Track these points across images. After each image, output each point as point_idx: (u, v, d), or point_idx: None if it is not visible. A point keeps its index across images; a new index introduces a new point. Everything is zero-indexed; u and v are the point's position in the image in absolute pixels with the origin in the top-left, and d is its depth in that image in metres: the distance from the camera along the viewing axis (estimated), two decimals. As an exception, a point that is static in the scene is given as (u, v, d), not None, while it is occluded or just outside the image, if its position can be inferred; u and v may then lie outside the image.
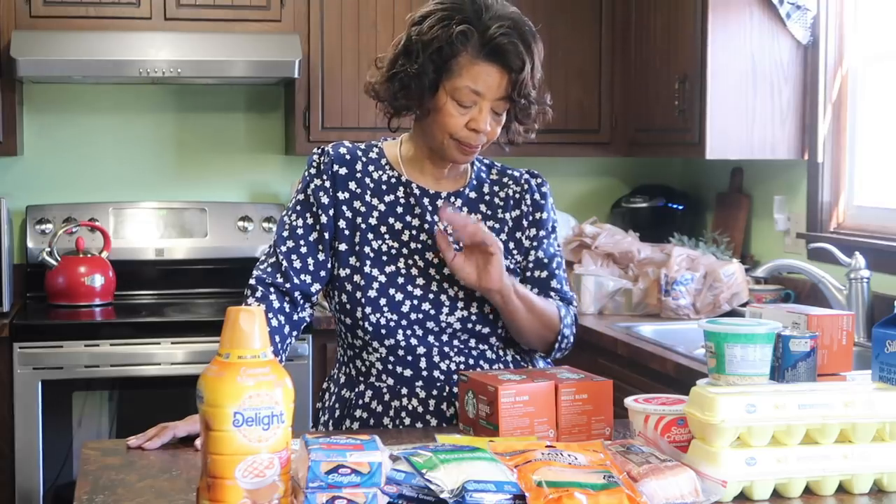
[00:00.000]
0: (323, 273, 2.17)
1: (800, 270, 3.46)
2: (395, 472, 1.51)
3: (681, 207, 4.44)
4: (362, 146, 2.24)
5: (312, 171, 2.20)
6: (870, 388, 1.76)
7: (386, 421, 2.16)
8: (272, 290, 2.13)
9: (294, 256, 2.15)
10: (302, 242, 2.16)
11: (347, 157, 2.20)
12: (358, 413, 2.18)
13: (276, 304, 2.12)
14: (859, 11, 3.64)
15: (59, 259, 4.00)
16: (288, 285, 2.14)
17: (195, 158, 4.38)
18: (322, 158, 2.20)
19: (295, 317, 2.15)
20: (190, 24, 3.97)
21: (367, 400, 2.18)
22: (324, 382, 2.33)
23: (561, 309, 2.20)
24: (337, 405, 2.22)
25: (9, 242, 3.86)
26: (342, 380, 2.24)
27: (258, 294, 2.13)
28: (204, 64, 3.90)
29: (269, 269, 2.16)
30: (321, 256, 2.16)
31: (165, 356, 3.69)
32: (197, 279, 4.27)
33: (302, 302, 2.16)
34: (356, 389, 2.19)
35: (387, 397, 2.16)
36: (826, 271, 3.39)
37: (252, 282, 2.16)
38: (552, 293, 2.23)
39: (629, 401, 1.82)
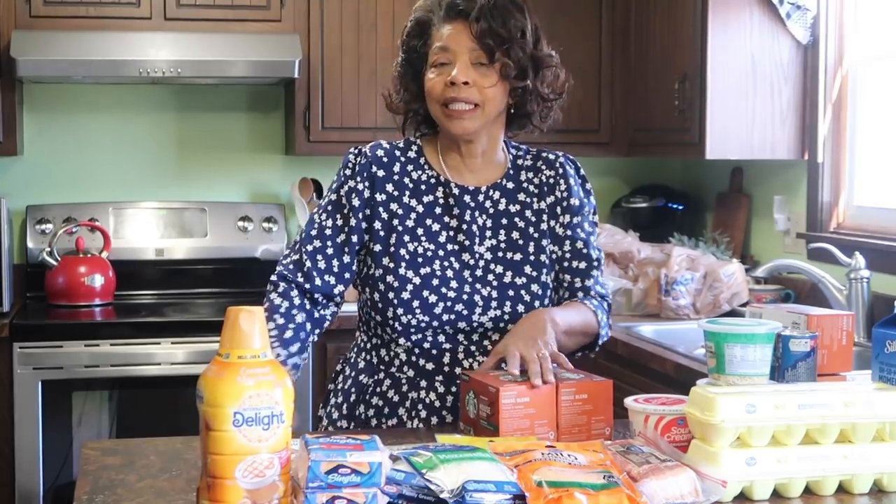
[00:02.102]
0: (347, 275, 2.17)
1: (800, 270, 3.46)
2: (395, 472, 1.51)
3: (681, 207, 4.44)
4: (401, 144, 2.23)
5: (347, 171, 2.19)
6: (870, 388, 1.76)
7: (401, 412, 2.16)
8: (294, 286, 2.14)
9: (319, 257, 2.15)
10: (329, 244, 2.15)
11: (385, 158, 2.19)
12: (374, 400, 2.18)
13: (298, 301, 2.12)
14: (859, 11, 3.64)
15: (59, 259, 4.00)
16: (308, 286, 2.14)
17: (195, 158, 4.38)
18: (358, 159, 2.19)
19: (316, 314, 2.15)
20: (190, 24, 3.97)
21: (384, 388, 2.18)
22: (338, 364, 2.32)
23: (598, 312, 2.19)
24: (353, 389, 2.21)
25: (9, 242, 3.86)
26: (361, 365, 2.23)
27: (280, 289, 2.13)
28: (204, 64, 3.90)
29: (291, 267, 2.16)
30: (347, 259, 2.16)
31: (165, 356, 3.69)
32: (197, 279, 4.27)
33: (324, 301, 2.16)
34: (375, 377, 2.19)
35: (405, 388, 2.16)
36: (826, 271, 3.39)
37: (274, 278, 2.16)
38: (591, 284, 2.21)
39: (629, 401, 1.82)
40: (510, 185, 2.21)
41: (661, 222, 4.36)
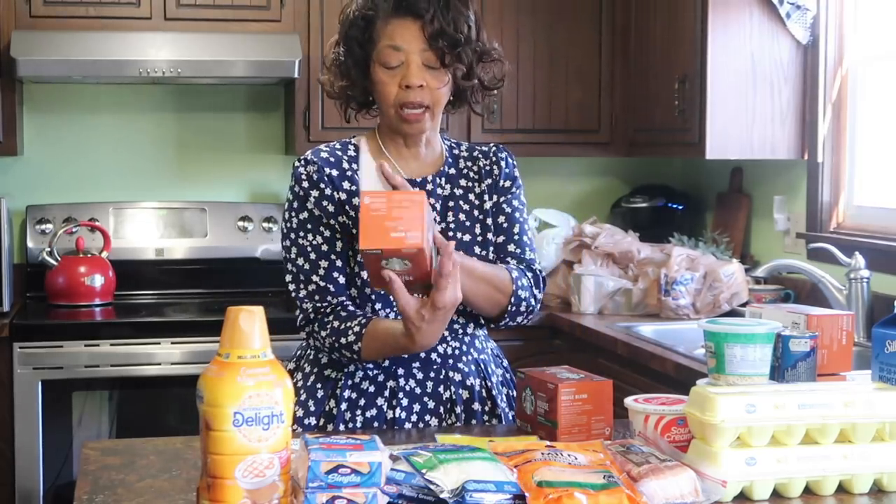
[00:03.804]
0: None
1: (800, 270, 3.46)
2: (395, 472, 1.51)
3: (681, 207, 4.44)
4: (338, 145, 2.24)
5: (305, 184, 2.17)
6: (870, 388, 1.76)
7: (380, 401, 2.15)
8: (335, 305, 2.12)
9: (335, 274, 2.14)
10: (333, 257, 2.14)
11: (331, 159, 2.20)
12: (346, 393, 2.16)
13: (351, 307, 2.12)
14: (859, 11, 3.64)
15: (59, 259, 4.00)
16: (347, 300, 2.14)
17: (195, 158, 4.38)
18: (309, 168, 2.18)
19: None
20: (190, 24, 3.97)
21: (356, 381, 2.17)
22: (288, 363, 2.27)
23: (513, 271, 2.17)
24: (319, 385, 2.20)
25: (9, 242, 3.86)
26: (324, 360, 2.21)
27: (330, 317, 2.11)
28: (204, 64, 3.90)
29: (316, 298, 2.13)
30: (353, 262, 2.16)
31: (165, 356, 3.69)
32: (197, 279, 4.27)
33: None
34: (345, 370, 2.17)
35: (381, 378, 2.16)
36: (826, 271, 3.39)
37: (312, 316, 2.12)
38: (508, 257, 2.22)
39: (629, 401, 1.82)
40: (452, 171, 2.25)
41: (661, 222, 4.36)
